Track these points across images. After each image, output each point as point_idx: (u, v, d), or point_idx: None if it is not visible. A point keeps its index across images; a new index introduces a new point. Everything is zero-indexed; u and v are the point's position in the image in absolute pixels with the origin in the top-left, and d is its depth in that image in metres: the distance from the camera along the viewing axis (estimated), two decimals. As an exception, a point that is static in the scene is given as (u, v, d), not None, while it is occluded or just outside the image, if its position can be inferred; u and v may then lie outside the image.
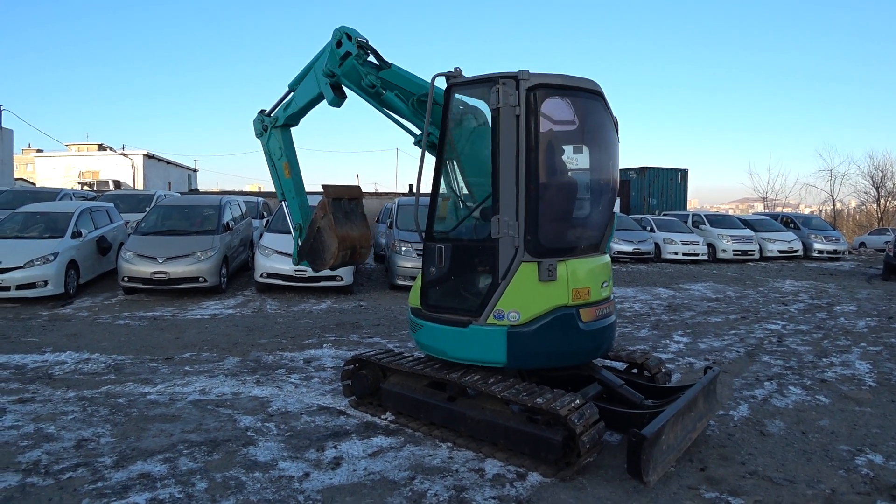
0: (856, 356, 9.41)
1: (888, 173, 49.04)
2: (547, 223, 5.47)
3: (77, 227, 13.70)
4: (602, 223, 5.95)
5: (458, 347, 5.68)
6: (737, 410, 6.76)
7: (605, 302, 5.82)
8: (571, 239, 5.82)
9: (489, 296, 5.48)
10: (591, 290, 5.62)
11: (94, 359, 8.37)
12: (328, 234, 6.81)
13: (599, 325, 5.70)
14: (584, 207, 6.10)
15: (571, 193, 6.00)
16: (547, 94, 5.38)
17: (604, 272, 5.85)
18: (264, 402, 6.69)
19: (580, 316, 5.50)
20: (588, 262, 5.69)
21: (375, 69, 6.50)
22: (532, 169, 5.28)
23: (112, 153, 43.61)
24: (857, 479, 5.18)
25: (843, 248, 27.46)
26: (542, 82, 5.32)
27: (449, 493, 4.71)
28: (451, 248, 5.79)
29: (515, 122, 5.26)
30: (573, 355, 5.67)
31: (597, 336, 5.69)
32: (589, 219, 6.06)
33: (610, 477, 5.00)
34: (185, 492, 4.68)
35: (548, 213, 5.49)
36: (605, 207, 5.97)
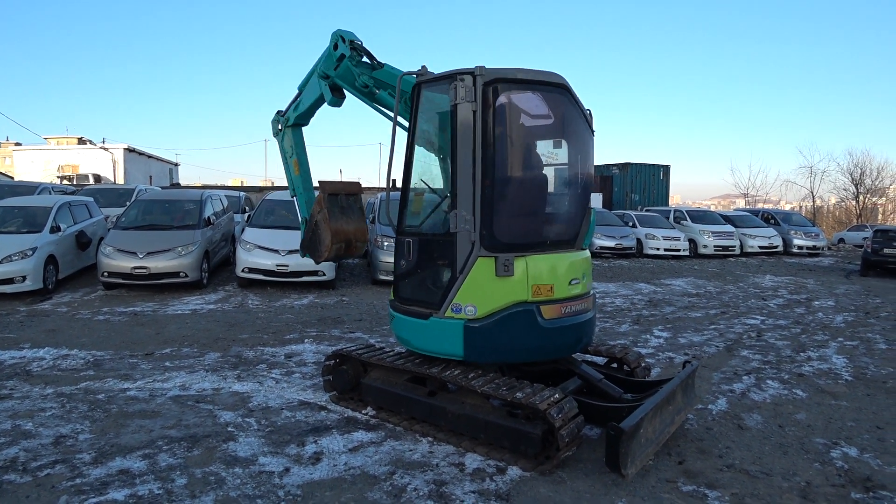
0: (833, 350, 9.52)
1: (867, 170, 49.59)
2: (503, 218, 5.48)
3: (56, 221, 13.56)
4: (573, 218, 5.90)
5: (420, 339, 5.79)
6: (715, 404, 6.83)
7: (577, 299, 5.75)
8: (533, 234, 5.74)
9: (448, 289, 5.53)
10: (556, 287, 5.55)
11: (72, 355, 8.31)
12: (323, 228, 7.01)
13: (567, 322, 5.63)
14: (549, 202, 6.04)
15: (531, 188, 5.90)
16: (503, 88, 5.39)
17: (577, 268, 5.75)
18: (245, 398, 6.68)
19: (541, 313, 5.46)
20: (554, 258, 5.62)
21: (369, 69, 6.58)
22: (487, 164, 5.31)
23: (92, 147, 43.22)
24: (832, 472, 5.26)
25: (822, 245, 27.71)
26: (499, 77, 5.34)
27: (429, 487, 4.73)
28: (417, 242, 5.89)
29: (472, 118, 5.29)
30: (533, 352, 5.61)
31: (564, 333, 5.63)
32: (555, 214, 6.03)
33: (589, 470, 5.04)
34: (164, 488, 4.67)
35: (504, 208, 5.50)
36: (576, 202, 5.95)
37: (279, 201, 15.80)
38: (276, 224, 14.58)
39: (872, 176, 49.63)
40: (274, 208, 15.37)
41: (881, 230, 21.37)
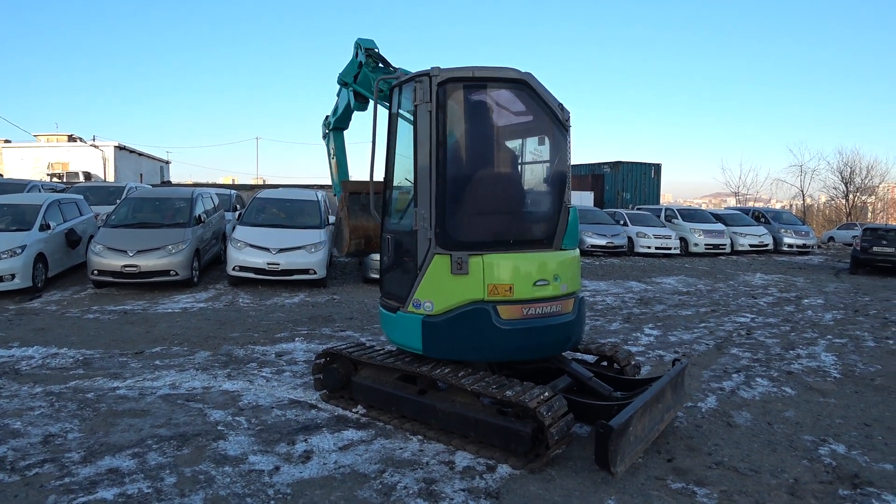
0: (822, 348, 9.58)
1: (856, 169, 49.84)
2: (457, 216, 5.54)
3: (45, 219, 13.47)
4: (544, 217, 5.79)
5: (392, 331, 6.02)
6: (705, 402, 6.86)
7: (545, 301, 5.60)
8: (491, 232, 5.66)
9: (411, 285, 5.63)
10: (515, 288, 5.47)
11: (62, 353, 8.28)
12: (344, 225, 7.33)
13: (531, 324, 5.54)
14: (510, 200, 5.96)
15: (488, 186, 5.82)
16: (457, 88, 5.46)
17: (546, 269, 5.61)
18: (235, 396, 6.67)
19: (498, 313, 5.42)
20: (517, 258, 5.54)
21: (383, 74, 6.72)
22: (441, 163, 5.40)
23: (82, 144, 42.98)
24: (820, 469, 5.30)
25: (812, 243, 27.85)
26: (452, 77, 5.41)
27: (419, 485, 4.74)
28: (393, 240, 5.98)
29: (428, 118, 5.38)
30: (489, 352, 5.56)
31: (527, 335, 5.53)
32: (519, 212, 5.95)
33: (579, 468, 5.05)
34: (153, 486, 4.66)
35: (459, 207, 5.56)
36: (546, 201, 5.86)
37: (270, 199, 15.79)
38: (267, 222, 14.56)
39: (862, 174, 49.95)
40: (265, 206, 15.34)
41: (870, 229, 21.51)
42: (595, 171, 35.26)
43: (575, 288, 5.88)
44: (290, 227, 14.42)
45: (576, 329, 5.89)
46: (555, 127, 5.72)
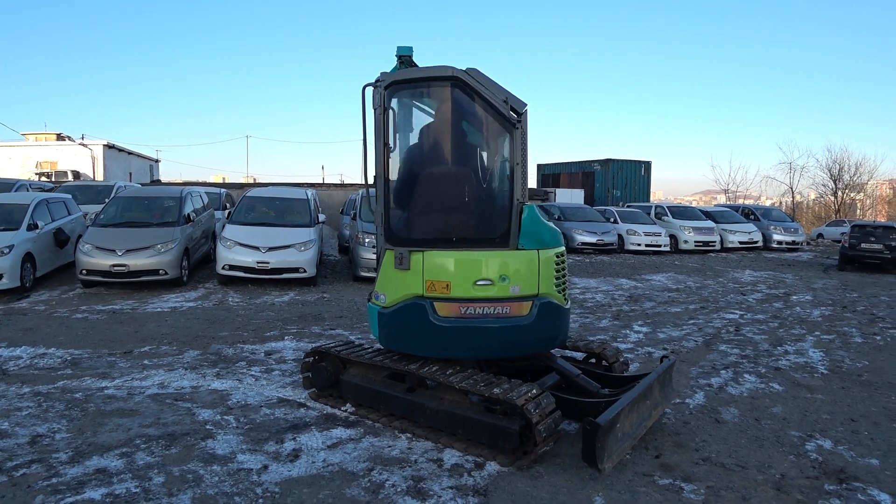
0: (809, 344, 9.64)
1: (845, 166, 50.09)
2: (399, 213, 5.80)
3: (33, 219, 13.41)
4: (491, 216, 5.72)
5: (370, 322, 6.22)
6: (693, 398, 6.89)
7: (486, 301, 5.53)
8: (432, 230, 5.74)
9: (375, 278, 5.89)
10: (453, 286, 5.49)
11: (50, 353, 8.24)
12: None
13: (470, 324, 5.52)
14: (451, 198, 5.83)
15: (428, 185, 5.86)
16: (397, 90, 5.67)
17: (489, 269, 5.54)
18: (224, 396, 6.66)
19: (435, 309, 5.50)
20: (457, 256, 5.57)
21: None
22: (388, 162, 5.70)
23: (71, 143, 42.70)
24: (807, 464, 5.33)
25: (801, 240, 28.02)
26: (395, 79, 5.63)
27: (407, 483, 4.75)
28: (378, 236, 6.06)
29: (380, 120, 5.62)
30: (428, 347, 5.65)
31: (466, 335, 5.53)
32: (462, 210, 5.83)
33: (567, 465, 5.07)
34: (141, 486, 4.65)
35: (401, 204, 5.81)
36: (493, 198, 5.77)
37: (260, 198, 15.76)
38: (256, 221, 14.53)
39: (850, 172, 50.20)
40: (255, 205, 15.31)
41: (859, 225, 21.66)
42: (585, 168, 35.36)
43: (532, 291, 5.59)
44: (279, 225, 14.40)
45: (535, 333, 5.63)
46: (497, 122, 5.60)
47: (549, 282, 5.66)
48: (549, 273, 5.66)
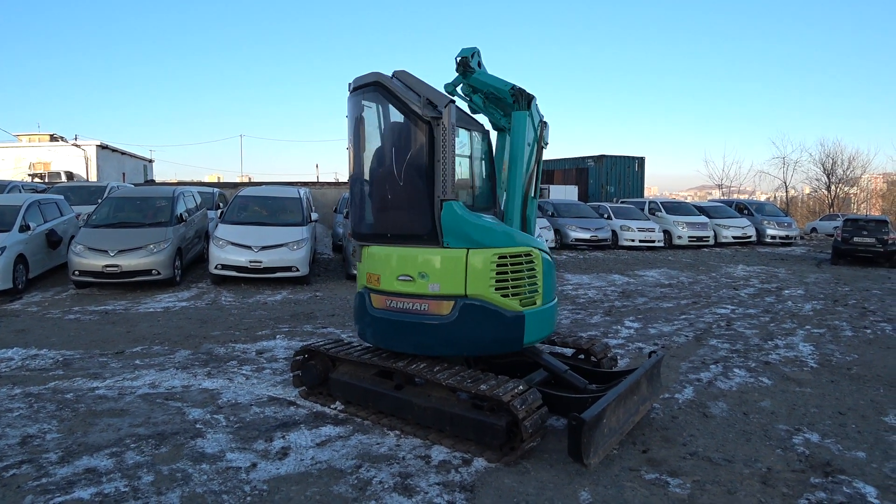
0: (800, 338, 9.69)
1: (838, 160, 50.22)
2: (355, 212, 6.27)
3: (25, 220, 13.41)
4: (416, 214, 5.67)
5: None
6: (682, 393, 6.93)
7: (406, 297, 5.66)
8: (372, 226, 6.06)
9: None
10: (381, 279, 5.80)
11: (42, 354, 8.25)
12: None
13: (393, 317, 5.71)
14: (380, 198, 6.02)
15: (362, 185, 6.11)
16: (351, 98, 6.02)
17: (410, 265, 5.65)
18: (214, 395, 6.68)
19: (370, 299, 5.94)
20: (387, 251, 5.81)
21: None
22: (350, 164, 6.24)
23: (64, 144, 42.60)
24: (793, 458, 5.36)
25: (794, 234, 28.12)
26: (354, 87, 5.93)
27: (394, 480, 4.77)
28: None
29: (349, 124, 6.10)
30: (367, 335, 6.10)
31: (391, 327, 5.73)
32: (390, 209, 5.97)
33: (554, 461, 5.10)
34: (130, 485, 4.67)
35: (354, 203, 6.27)
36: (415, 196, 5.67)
37: (252, 197, 15.76)
38: (249, 220, 14.55)
39: (844, 166, 50.34)
40: (247, 204, 15.33)
41: (851, 220, 21.71)
42: (579, 164, 35.38)
43: (456, 291, 5.51)
44: (272, 224, 14.41)
45: (457, 334, 5.52)
46: (416, 122, 5.55)
47: (483, 283, 5.47)
48: (484, 274, 5.47)
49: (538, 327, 5.77)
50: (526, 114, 6.21)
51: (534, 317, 5.69)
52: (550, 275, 6.00)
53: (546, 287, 5.88)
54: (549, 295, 5.98)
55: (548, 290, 5.92)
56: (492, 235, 5.59)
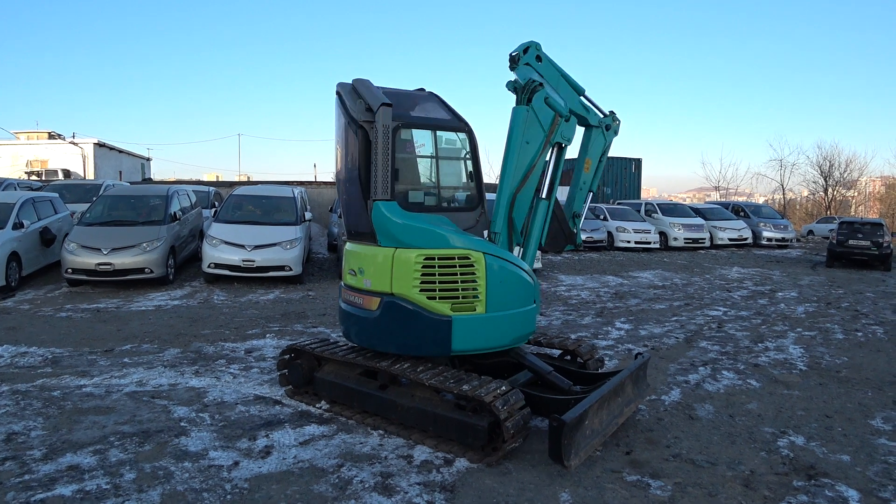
0: (790, 341, 9.69)
1: (835, 163, 50.22)
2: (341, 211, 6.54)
3: (19, 218, 13.39)
4: (357, 214, 5.93)
5: None
6: (668, 395, 6.93)
7: (353, 290, 6.02)
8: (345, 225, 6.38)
9: None
10: (344, 272, 6.25)
11: (31, 352, 8.25)
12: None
13: (346, 308, 6.15)
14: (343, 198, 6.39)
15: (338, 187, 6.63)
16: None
17: (355, 260, 5.99)
18: (201, 393, 6.68)
19: (342, 290, 6.30)
20: (347, 247, 6.21)
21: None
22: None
23: (61, 142, 42.60)
24: (777, 460, 5.37)
25: (790, 236, 28.13)
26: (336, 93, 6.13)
27: (375, 479, 4.78)
28: None
29: None
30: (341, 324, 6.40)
31: (345, 317, 6.19)
32: (346, 209, 6.32)
33: (536, 462, 5.10)
34: (112, 483, 4.68)
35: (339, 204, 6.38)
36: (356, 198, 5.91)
37: (246, 196, 15.76)
38: (242, 219, 14.55)
39: (841, 169, 50.35)
40: (241, 203, 15.32)
41: (846, 222, 21.71)
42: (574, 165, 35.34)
43: (382, 288, 5.67)
44: (265, 223, 14.41)
45: (380, 330, 5.72)
46: (354, 126, 5.71)
47: (407, 283, 5.53)
48: (407, 274, 5.53)
49: (476, 335, 5.62)
50: (523, 109, 6.13)
51: (468, 323, 5.55)
52: (505, 282, 5.73)
53: (494, 295, 5.63)
54: (501, 303, 5.70)
55: (497, 297, 5.66)
56: (420, 236, 5.56)
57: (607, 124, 7.38)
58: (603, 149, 7.48)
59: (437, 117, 6.10)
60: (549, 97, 6.21)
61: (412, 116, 5.93)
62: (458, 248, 5.58)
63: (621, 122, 7.58)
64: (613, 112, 7.45)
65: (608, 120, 7.39)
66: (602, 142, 7.41)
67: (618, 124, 7.49)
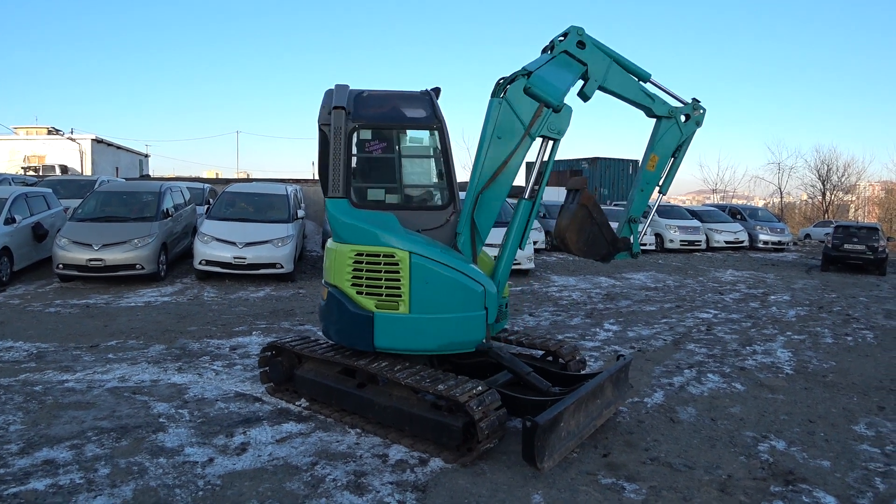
0: (779, 344, 9.68)
1: (833, 167, 50.26)
2: None
3: (11, 212, 13.37)
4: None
5: None
6: (651, 397, 6.92)
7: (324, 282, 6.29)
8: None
9: None
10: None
11: (17, 347, 8.25)
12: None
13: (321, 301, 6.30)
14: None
15: None
16: None
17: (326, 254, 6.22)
18: (182, 389, 6.68)
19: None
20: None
21: None
22: None
23: (59, 137, 42.65)
24: (756, 465, 5.35)
25: (787, 240, 28.13)
26: None
27: (348, 478, 4.77)
28: None
29: None
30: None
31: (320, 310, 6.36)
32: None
33: (511, 462, 5.09)
34: (86, 478, 4.68)
35: None
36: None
37: (239, 193, 15.75)
38: (234, 216, 14.52)
39: (839, 173, 50.38)
40: (234, 200, 15.29)
41: (842, 226, 21.71)
42: (573, 167, 35.42)
43: (329, 279, 6.03)
44: (257, 221, 14.40)
45: (326, 319, 6.10)
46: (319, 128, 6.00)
47: (341, 276, 5.80)
48: (343, 268, 5.78)
49: (397, 335, 5.63)
50: (494, 101, 5.88)
51: (390, 322, 5.60)
52: (432, 285, 5.60)
53: (418, 296, 5.57)
54: (427, 306, 5.60)
55: (422, 299, 5.59)
56: (353, 232, 5.73)
57: (686, 113, 6.74)
58: (678, 143, 6.81)
59: (407, 116, 6.11)
60: (535, 86, 5.83)
61: (375, 117, 5.97)
62: (385, 247, 5.61)
63: (706, 112, 6.85)
64: (697, 100, 6.80)
65: (686, 109, 6.75)
66: (677, 135, 6.76)
67: (700, 114, 6.80)
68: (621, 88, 6.48)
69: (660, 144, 6.74)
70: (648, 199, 6.99)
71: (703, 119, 6.81)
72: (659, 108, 6.63)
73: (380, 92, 6.19)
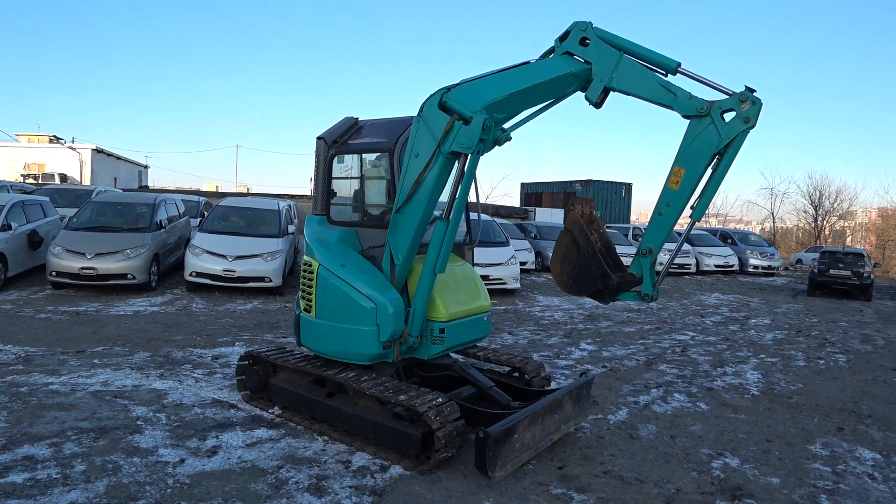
0: (750, 366, 9.91)
1: (825, 193, 50.68)
2: None
3: (7, 219, 13.64)
4: None
5: None
6: (615, 415, 7.14)
7: None
8: None
9: None
10: None
11: (5, 350, 8.49)
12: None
13: None
14: None
15: None
16: None
17: None
18: (161, 394, 6.92)
19: None
20: None
21: None
22: None
23: (60, 146, 42.94)
24: (707, 481, 5.56)
25: (777, 264, 28.40)
26: None
27: (310, 481, 5.02)
28: None
29: None
30: None
31: None
32: None
33: (468, 472, 5.32)
34: (62, 473, 4.94)
35: None
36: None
37: (231, 207, 16.02)
38: (226, 230, 14.79)
39: (831, 199, 50.79)
40: (226, 214, 15.57)
41: (828, 252, 22.00)
42: (567, 188, 35.74)
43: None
44: (248, 235, 14.67)
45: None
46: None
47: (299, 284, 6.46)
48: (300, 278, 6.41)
49: (309, 337, 6.24)
50: (415, 118, 5.58)
51: (306, 324, 6.24)
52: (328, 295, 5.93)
53: (320, 304, 6.03)
54: (326, 314, 5.96)
55: (323, 307, 6.00)
56: (309, 245, 6.33)
57: (724, 109, 5.09)
58: (716, 150, 5.15)
59: (370, 141, 6.40)
60: (450, 99, 5.31)
61: (349, 144, 6.43)
62: (309, 257, 6.24)
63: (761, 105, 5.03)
64: (750, 89, 5.04)
65: (728, 102, 5.09)
66: (713, 139, 5.12)
67: (750, 107, 5.01)
68: (633, 86, 5.40)
69: (687, 153, 5.25)
70: (671, 225, 5.47)
71: (756, 115, 5.03)
72: (683, 106, 5.22)
73: (376, 121, 6.59)
